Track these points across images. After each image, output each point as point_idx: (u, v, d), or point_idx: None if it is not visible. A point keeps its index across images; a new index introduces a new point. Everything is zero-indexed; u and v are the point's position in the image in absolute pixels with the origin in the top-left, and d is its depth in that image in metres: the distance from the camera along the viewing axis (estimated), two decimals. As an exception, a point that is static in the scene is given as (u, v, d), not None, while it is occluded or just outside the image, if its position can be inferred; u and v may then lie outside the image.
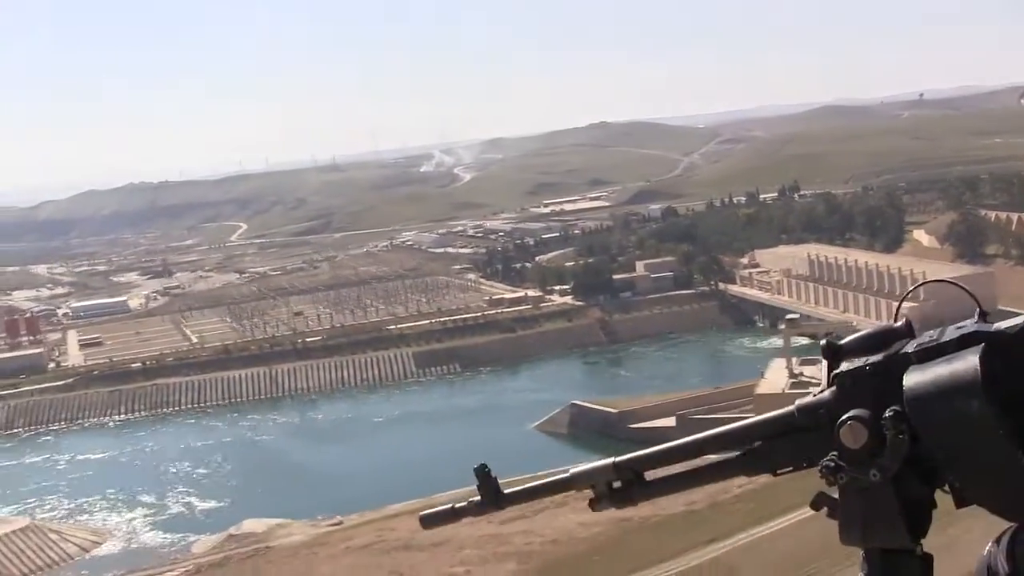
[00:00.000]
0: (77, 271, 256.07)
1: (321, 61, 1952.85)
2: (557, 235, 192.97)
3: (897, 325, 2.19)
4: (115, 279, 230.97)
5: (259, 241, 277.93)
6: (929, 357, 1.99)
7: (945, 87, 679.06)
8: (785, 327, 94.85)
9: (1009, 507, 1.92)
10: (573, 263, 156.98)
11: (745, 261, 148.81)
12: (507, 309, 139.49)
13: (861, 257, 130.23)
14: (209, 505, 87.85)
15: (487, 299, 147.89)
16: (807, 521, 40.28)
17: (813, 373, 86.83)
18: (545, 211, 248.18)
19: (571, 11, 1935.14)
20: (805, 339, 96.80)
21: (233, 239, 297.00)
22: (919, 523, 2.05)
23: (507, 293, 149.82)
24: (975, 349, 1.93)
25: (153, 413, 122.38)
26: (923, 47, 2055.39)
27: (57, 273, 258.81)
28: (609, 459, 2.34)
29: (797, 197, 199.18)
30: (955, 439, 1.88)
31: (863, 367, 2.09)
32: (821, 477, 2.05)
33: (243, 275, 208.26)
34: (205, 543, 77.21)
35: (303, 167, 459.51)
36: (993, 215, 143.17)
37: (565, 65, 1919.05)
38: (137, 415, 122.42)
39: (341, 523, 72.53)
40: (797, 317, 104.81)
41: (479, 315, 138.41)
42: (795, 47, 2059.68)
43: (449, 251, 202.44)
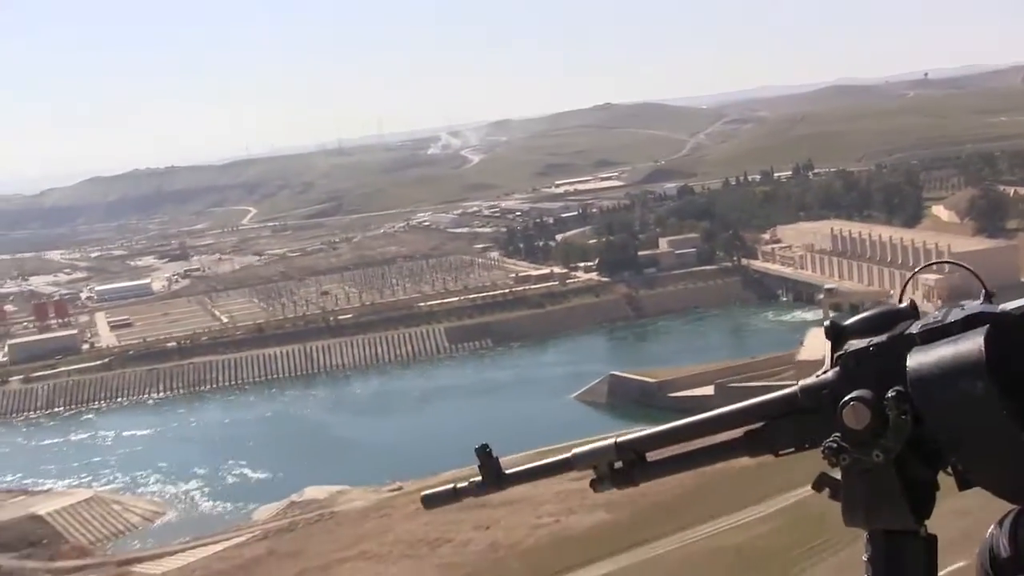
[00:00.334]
0: (93, 256, 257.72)
1: (324, 45, 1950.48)
2: (575, 214, 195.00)
3: (902, 306, 2.15)
4: (132, 263, 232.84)
5: (272, 224, 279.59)
6: (934, 338, 1.96)
7: (947, 67, 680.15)
8: (824, 296, 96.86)
9: (1012, 489, 1.89)
10: (595, 241, 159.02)
11: (767, 237, 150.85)
12: (534, 286, 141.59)
13: (884, 232, 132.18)
14: (262, 475, 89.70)
15: (513, 276, 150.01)
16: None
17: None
18: (559, 191, 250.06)
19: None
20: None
21: (245, 223, 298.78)
22: (923, 504, 2.01)
23: (532, 271, 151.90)
24: (980, 330, 1.90)
25: (191, 391, 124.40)
26: (924, 27, 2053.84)
27: (71, 258, 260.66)
28: (610, 439, 2.31)
29: (811, 175, 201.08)
30: (958, 420, 1.85)
31: (867, 348, 2.07)
32: (824, 458, 2.02)
33: (262, 257, 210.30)
34: (266, 511, 79.11)
35: (309, 151, 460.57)
36: (1012, 190, 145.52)
37: (567, 48, 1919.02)
38: (175, 393, 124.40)
39: (401, 488, 74.29)
40: (835, 287, 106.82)
41: (507, 292, 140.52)
42: (797, 28, 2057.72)
43: (468, 231, 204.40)
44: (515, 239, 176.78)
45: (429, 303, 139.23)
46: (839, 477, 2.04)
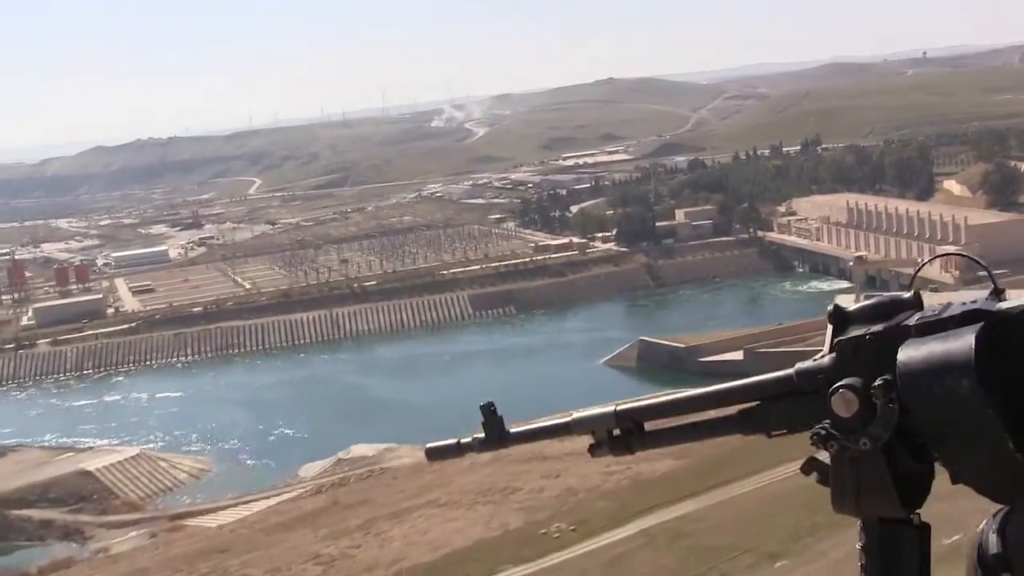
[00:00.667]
0: (102, 224, 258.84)
1: (327, 16, 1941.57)
2: (588, 186, 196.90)
3: (906, 296, 2.09)
4: (144, 231, 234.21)
5: (280, 195, 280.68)
6: (930, 331, 1.92)
7: (943, 45, 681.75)
8: (855, 263, 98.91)
9: (993, 489, 1.86)
10: (612, 212, 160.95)
11: (782, 209, 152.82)
12: (555, 255, 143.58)
13: (900, 205, 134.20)
14: (302, 435, 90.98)
15: (532, 246, 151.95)
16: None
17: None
18: (568, 164, 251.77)
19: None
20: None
21: (252, 192, 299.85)
22: (913, 493, 1.98)
23: (550, 241, 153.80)
24: (973, 328, 1.86)
25: (218, 354, 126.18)
26: (919, 6, 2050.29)
27: (79, 227, 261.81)
28: (610, 407, 2.32)
29: (820, 150, 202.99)
30: (943, 416, 1.83)
31: (864, 336, 2.03)
32: (812, 444, 2.01)
33: (276, 226, 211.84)
34: (312, 468, 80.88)
35: (312, 123, 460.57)
36: (1023, 166, 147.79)
37: (568, 22, 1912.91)
38: (203, 356, 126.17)
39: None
40: (865, 255, 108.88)
41: (528, 261, 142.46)
42: (792, 6, 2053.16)
43: (481, 202, 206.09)
44: (530, 210, 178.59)
45: (452, 271, 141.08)
46: (828, 462, 2.03)
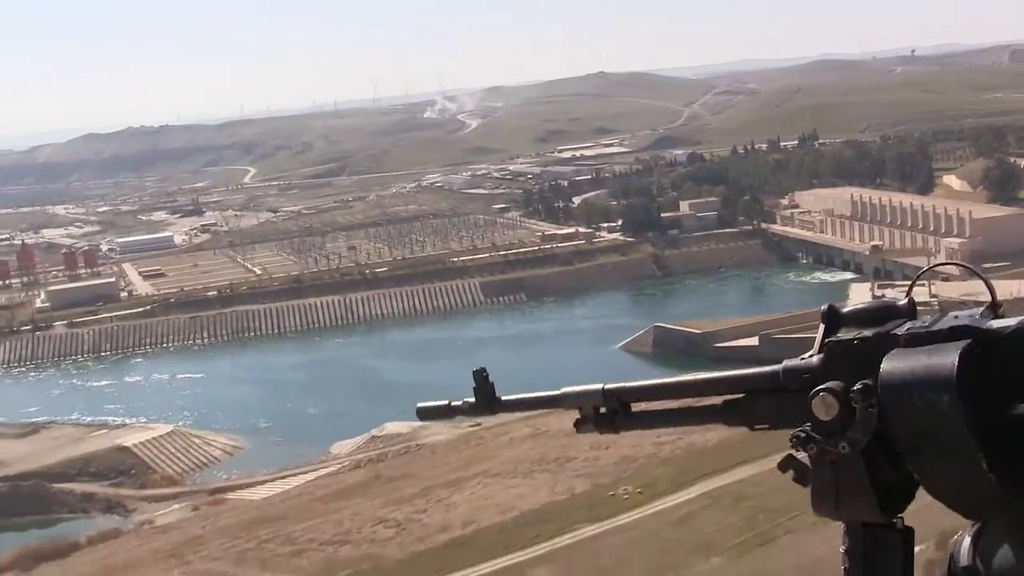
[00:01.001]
0: (101, 211, 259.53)
1: (320, 6, 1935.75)
2: (589, 178, 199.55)
3: (900, 303, 2.11)
4: (144, 218, 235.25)
5: (276, 183, 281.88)
6: (918, 343, 1.92)
7: (931, 43, 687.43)
8: (870, 252, 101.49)
9: (964, 505, 1.86)
10: (615, 203, 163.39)
11: (785, 202, 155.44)
12: (562, 244, 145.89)
13: (904, 199, 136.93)
14: (329, 414, 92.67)
15: (539, 235, 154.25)
16: None
17: (893, 296, 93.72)
18: (566, 156, 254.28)
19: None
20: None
21: (247, 181, 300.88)
22: (894, 498, 1.98)
23: (556, 230, 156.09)
24: (959, 344, 1.85)
25: (234, 337, 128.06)
26: (906, 4, 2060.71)
27: (76, 213, 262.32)
28: (599, 385, 2.35)
29: (817, 145, 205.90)
30: (920, 428, 1.83)
31: (852, 340, 2.04)
32: (792, 447, 2.02)
33: (278, 213, 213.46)
34: (345, 445, 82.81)
35: (304, 113, 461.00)
36: (1022, 162, 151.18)
37: (560, 16, 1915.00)
38: (218, 339, 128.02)
39: (480, 424, 78.29)
40: (881, 244, 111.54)
41: (536, 249, 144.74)
42: (781, 2, 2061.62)
43: (482, 192, 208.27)
44: (532, 200, 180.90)
45: (461, 259, 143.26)
46: (807, 462, 2.03)
